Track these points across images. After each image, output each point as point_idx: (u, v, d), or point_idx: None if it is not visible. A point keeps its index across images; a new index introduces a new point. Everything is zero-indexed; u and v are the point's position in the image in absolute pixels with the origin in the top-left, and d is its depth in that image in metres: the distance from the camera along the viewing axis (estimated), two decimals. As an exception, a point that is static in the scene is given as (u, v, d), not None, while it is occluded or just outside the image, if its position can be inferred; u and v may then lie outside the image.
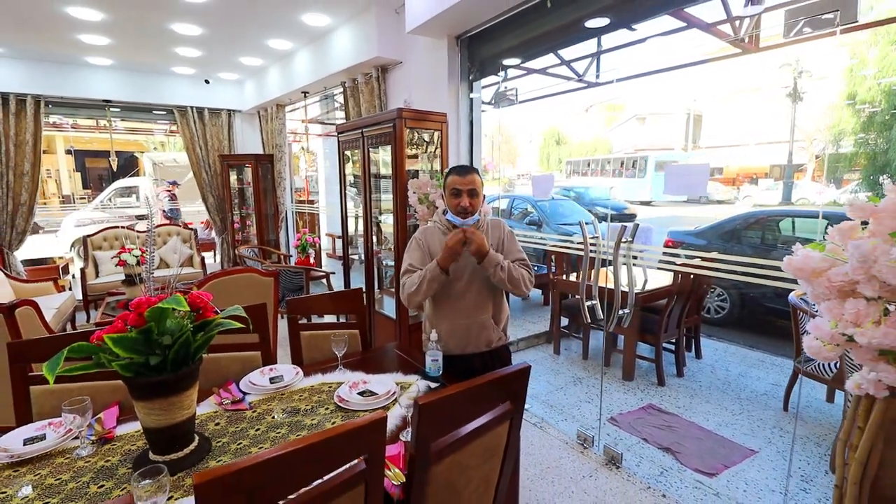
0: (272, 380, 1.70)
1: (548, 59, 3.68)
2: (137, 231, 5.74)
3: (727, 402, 3.12)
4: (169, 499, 1.05)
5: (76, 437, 1.34)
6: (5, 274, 4.30)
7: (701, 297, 3.92)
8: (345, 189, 3.98)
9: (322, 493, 0.91)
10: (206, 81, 5.91)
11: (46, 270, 5.78)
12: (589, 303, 2.46)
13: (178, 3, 3.46)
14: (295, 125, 6.66)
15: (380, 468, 0.97)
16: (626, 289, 2.55)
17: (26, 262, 5.95)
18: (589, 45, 3.47)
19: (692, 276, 3.42)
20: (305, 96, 5.18)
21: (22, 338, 2.21)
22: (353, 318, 2.14)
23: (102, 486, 1.15)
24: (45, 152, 5.40)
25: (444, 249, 1.72)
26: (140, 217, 9.65)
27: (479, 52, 3.29)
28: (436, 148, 3.15)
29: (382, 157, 3.53)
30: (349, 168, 3.95)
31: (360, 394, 1.58)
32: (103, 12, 3.64)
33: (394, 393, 1.59)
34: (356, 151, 3.56)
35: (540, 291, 5.65)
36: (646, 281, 4.00)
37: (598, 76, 3.74)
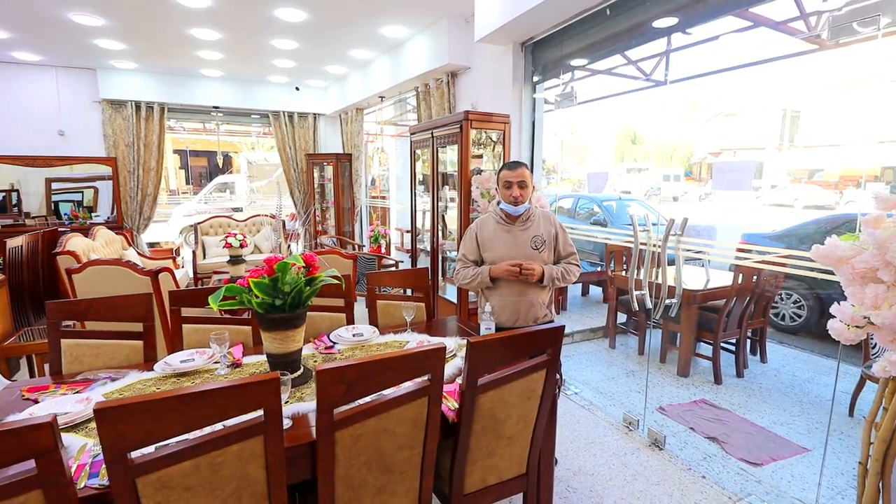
0: (354, 335, 2.07)
1: (615, 59, 3.79)
2: (237, 220, 6.59)
3: (787, 404, 3.08)
4: (286, 402, 1.44)
5: (216, 362, 1.79)
6: (136, 252, 5.19)
7: (768, 300, 3.82)
8: (415, 186, 4.37)
9: (399, 397, 1.24)
10: (297, 88, 6.62)
11: (165, 251, 6.81)
12: (638, 293, 2.60)
13: (280, 22, 4.03)
14: (371, 127, 7.23)
15: (439, 387, 1.27)
16: (675, 283, 2.66)
17: (150, 244, 7.05)
18: (657, 44, 3.54)
19: (756, 278, 3.39)
20: (382, 100, 5.66)
21: (162, 296, 2.82)
22: (419, 294, 2.48)
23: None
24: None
25: (501, 272, 2.05)
26: (235, 209, 10.87)
27: (542, 56, 3.51)
28: (494, 146, 3.41)
29: (450, 157, 3.86)
30: (419, 166, 4.33)
31: (425, 351, 1.90)
32: (221, 33, 4.31)
33: (453, 350, 1.89)
34: (426, 151, 3.92)
35: (600, 288, 5.71)
36: (708, 279, 4.00)
37: (666, 75, 3.80)
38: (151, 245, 7.63)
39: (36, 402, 1.52)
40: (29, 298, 4.02)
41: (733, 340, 3.62)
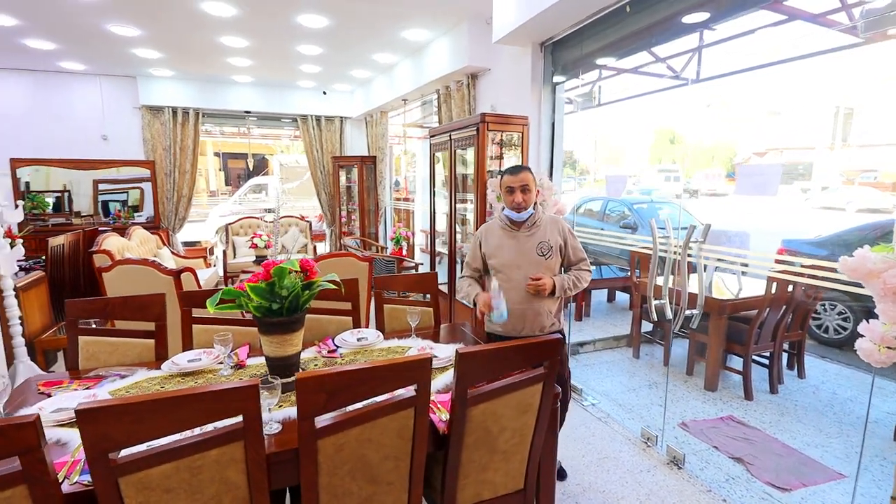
0: (359, 339, 2.07)
1: (642, 57, 3.65)
2: (266, 221, 6.78)
3: (824, 425, 2.86)
4: (279, 406, 1.44)
5: (221, 362, 1.82)
6: (170, 251, 5.42)
7: (807, 311, 3.58)
8: (434, 188, 4.36)
9: (382, 407, 1.21)
10: (324, 93, 6.75)
11: (199, 250, 7.09)
12: (657, 301, 2.48)
13: (304, 28, 4.11)
14: (398, 129, 7.29)
15: (426, 397, 1.24)
16: (698, 292, 2.52)
17: (183, 244, 7.35)
18: (686, 41, 3.38)
19: (792, 288, 3.18)
20: (405, 103, 5.68)
21: (184, 296, 2.91)
22: (428, 299, 2.46)
23: (235, 396, 1.58)
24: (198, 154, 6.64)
25: (481, 304, 2.00)
26: (268, 210, 11.21)
27: (562, 56, 3.42)
28: (506, 148, 3.35)
29: (470, 159, 3.82)
30: (439, 169, 4.31)
31: (426, 357, 1.87)
32: (248, 40, 4.45)
33: (451, 358, 1.85)
34: (445, 153, 3.90)
35: (628, 295, 5.52)
36: (740, 288, 3.78)
37: (698, 72, 3.62)
38: (187, 244, 7.97)
39: (49, 396, 1.59)
40: (70, 294, 4.27)
41: (767, 353, 3.41)
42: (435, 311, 2.37)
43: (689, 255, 2.36)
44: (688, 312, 2.39)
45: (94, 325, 2.56)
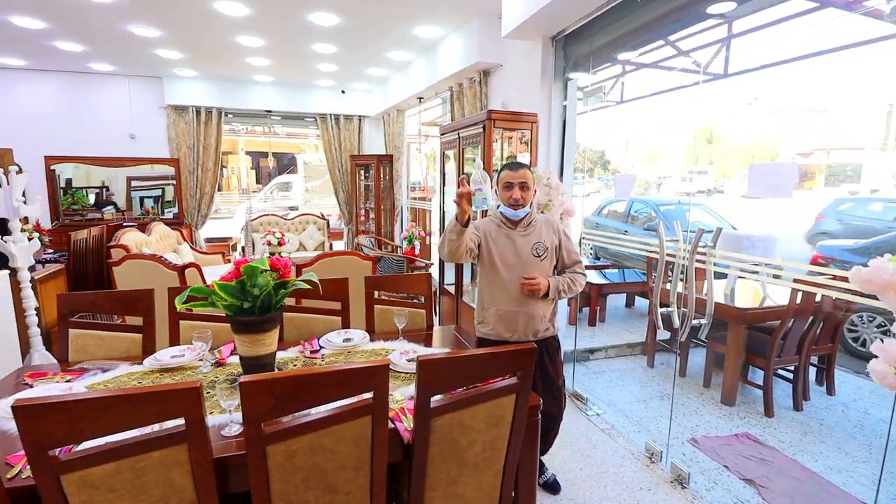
0: (345, 340, 2.02)
1: (665, 51, 3.48)
2: (285, 218, 6.88)
3: (851, 447, 2.64)
4: (238, 408, 1.41)
5: (202, 359, 1.81)
6: (190, 246, 5.56)
7: (838, 323, 3.32)
8: (444, 187, 4.29)
9: (337, 414, 1.16)
10: (342, 92, 6.79)
11: (221, 246, 7.26)
12: (664, 309, 2.34)
13: (316, 27, 4.12)
14: (417, 128, 7.26)
15: (383, 405, 1.18)
16: (707, 300, 2.36)
17: (209, 240, 7.56)
18: (710, 34, 3.19)
19: (819, 297, 2.95)
20: (420, 101, 5.64)
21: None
22: (420, 301, 2.39)
23: (209, 392, 1.56)
24: (229, 153, 6.81)
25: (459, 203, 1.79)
26: (292, 207, 11.42)
27: (574, 51, 3.29)
28: (519, 148, 3.25)
29: (477, 157, 3.74)
30: (450, 168, 4.24)
31: (409, 360, 1.81)
32: (263, 39, 4.50)
33: (435, 364, 1.78)
34: (455, 152, 3.83)
35: (647, 300, 5.30)
36: (764, 297, 3.55)
37: (726, 66, 3.42)
38: (213, 240, 8.18)
39: (30, 387, 1.61)
40: (94, 286, 4.43)
41: (792, 367, 3.18)
42: (427, 313, 2.31)
43: (700, 261, 2.20)
44: (696, 322, 2.24)
45: (98, 320, 2.63)
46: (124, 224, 5.36)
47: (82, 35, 4.43)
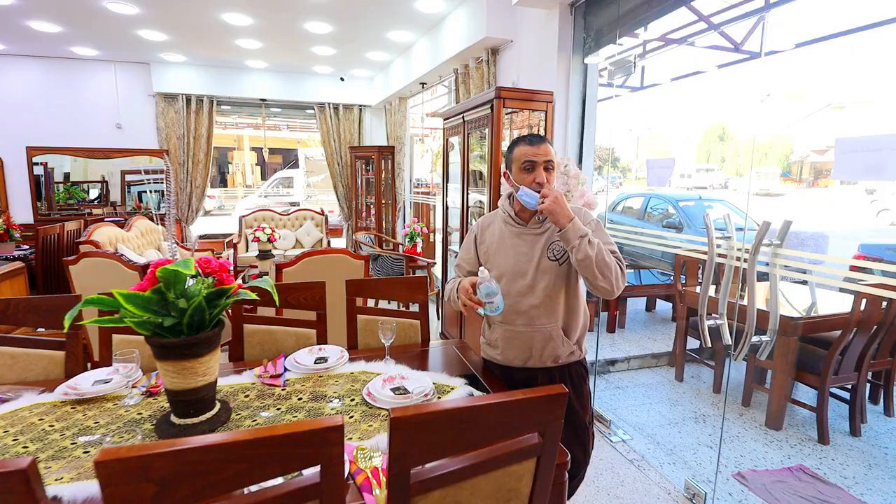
0: (317, 360, 1.63)
1: (693, 27, 3.04)
2: (279, 214, 6.51)
3: (932, 487, 2.20)
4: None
5: (134, 386, 1.43)
6: (177, 243, 5.21)
7: (900, 334, 2.87)
8: (447, 179, 3.88)
9: (266, 500, 0.76)
10: (341, 79, 6.39)
11: (213, 243, 6.91)
12: (711, 322, 1.91)
13: (305, 1, 3.72)
14: (419, 120, 6.85)
15: (337, 483, 0.77)
16: (770, 311, 1.92)
17: (203, 237, 7.21)
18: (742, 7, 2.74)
19: (885, 304, 2.50)
20: (423, 87, 5.23)
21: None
22: (415, 310, 1.99)
23: (122, 437, 1.17)
24: (235, 149, 6.44)
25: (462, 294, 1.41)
26: (293, 203, 11.06)
27: (596, 20, 2.85)
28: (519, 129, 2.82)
29: (484, 143, 3.32)
30: (454, 158, 3.83)
31: (393, 389, 1.41)
32: (251, 17, 4.11)
33: (427, 395, 1.38)
34: (459, 138, 3.41)
35: (670, 304, 4.86)
36: (813, 303, 3.11)
37: (761, 45, 2.97)
38: (209, 237, 7.85)
39: None
40: (57, 288, 4.08)
41: (849, 385, 2.73)
42: (423, 325, 1.90)
43: (761, 262, 1.77)
44: (755, 339, 1.81)
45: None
46: (105, 218, 5.02)
47: (54, 13, 4.07)
